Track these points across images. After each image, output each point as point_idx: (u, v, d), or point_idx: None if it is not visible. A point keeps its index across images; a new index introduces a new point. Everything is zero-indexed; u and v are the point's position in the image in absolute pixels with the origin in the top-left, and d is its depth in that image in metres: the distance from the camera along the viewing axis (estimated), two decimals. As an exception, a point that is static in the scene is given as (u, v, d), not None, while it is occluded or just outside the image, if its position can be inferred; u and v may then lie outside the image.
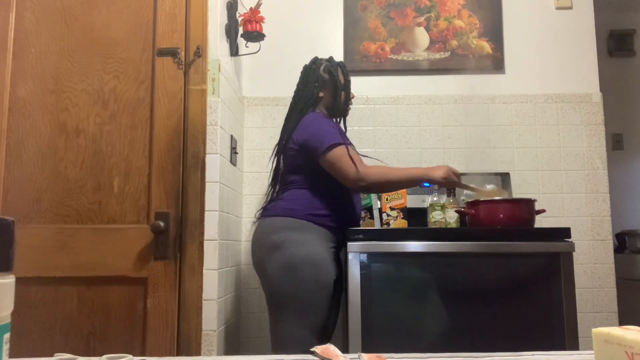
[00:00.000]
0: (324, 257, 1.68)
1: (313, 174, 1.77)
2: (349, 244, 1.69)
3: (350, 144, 1.81)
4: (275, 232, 1.69)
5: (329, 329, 1.77)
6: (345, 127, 1.99)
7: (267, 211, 1.80)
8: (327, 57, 1.98)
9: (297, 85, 1.94)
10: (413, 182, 1.73)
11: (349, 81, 1.93)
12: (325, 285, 1.66)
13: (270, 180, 1.98)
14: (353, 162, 1.68)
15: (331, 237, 1.76)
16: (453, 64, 2.43)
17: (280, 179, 1.89)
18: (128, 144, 1.83)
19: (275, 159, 1.94)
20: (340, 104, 1.91)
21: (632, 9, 3.40)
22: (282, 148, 1.86)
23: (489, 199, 1.83)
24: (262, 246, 1.72)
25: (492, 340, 1.64)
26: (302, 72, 1.95)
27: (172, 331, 1.74)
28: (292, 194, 1.78)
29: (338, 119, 1.97)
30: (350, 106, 1.97)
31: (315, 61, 1.93)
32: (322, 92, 1.89)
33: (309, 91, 1.88)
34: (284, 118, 2.40)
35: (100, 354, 0.62)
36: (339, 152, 1.69)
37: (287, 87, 2.43)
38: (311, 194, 1.76)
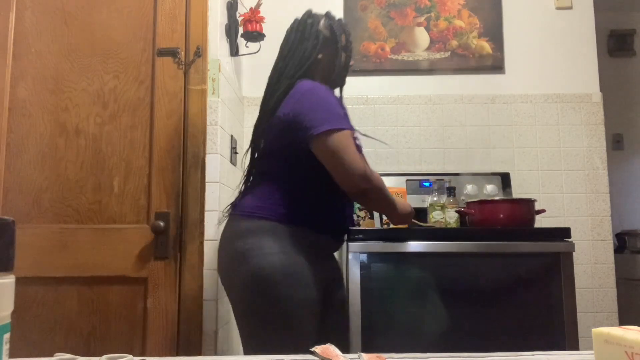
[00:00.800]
0: (302, 268, 1.34)
1: (298, 161, 1.38)
2: (349, 244, 1.69)
3: (354, 128, 1.40)
4: (241, 237, 1.35)
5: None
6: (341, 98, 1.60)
7: (234, 208, 1.45)
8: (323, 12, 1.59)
9: (286, 43, 1.53)
10: (391, 209, 1.47)
11: (351, 42, 1.57)
12: (304, 303, 1.32)
13: (245, 167, 1.56)
14: (361, 155, 1.33)
15: (316, 242, 1.41)
16: (453, 64, 2.43)
17: (255, 166, 1.50)
18: (128, 144, 1.83)
19: (253, 139, 1.54)
20: (341, 70, 1.54)
21: (632, 9, 3.40)
22: (264, 124, 1.46)
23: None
24: (226, 254, 1.39)
25: (492, 340, 1.64)
26: (293, 28, 1.54)
27: (172, 331, 1.73)
28: (265, 187, 1.40)
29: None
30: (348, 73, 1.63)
31: (311, 14, 1.54)
32: (320, 54, 1.49)
33: (304, 51, 1.47)
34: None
35: (100, 354, 0.62)
36: (344, 139, 1.29)
37: (287, 87, 2.43)
38: (290, 188, 1.39)
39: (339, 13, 2.48)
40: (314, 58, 1.47)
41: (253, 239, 1.33)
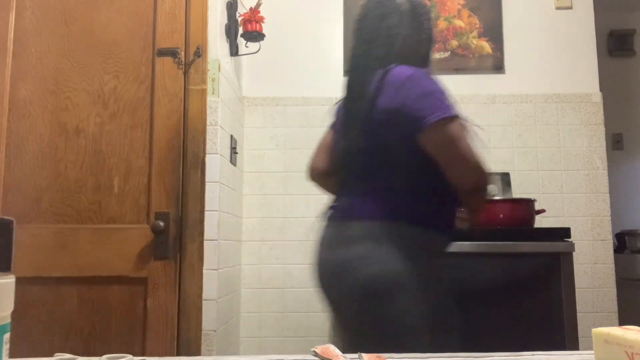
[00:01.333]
0: (426, 274, 1.18)
1: (406, 156, 1.19)
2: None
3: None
4: (355, 242, 1.17)
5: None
6: None
7: (340, 211, 1.26)
8: None
9: (364, 24, 1.32)
10: (483, 209, 1.30)
11: (431, 15, 1.38)
12: (429, 312, 1.16)
13: (334, 164, 1.37)
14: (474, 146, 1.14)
15: (434, 242, 1.24)
16: (453, 64, 2.43)
17: (353, 164, 1.28)
18: (128, 144, 1.83)
19: (341, 133, 1.33)
20: (428, 46, 1.36)
21: (632, 9, 3.40)
22: (358, 116, 1.25)
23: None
24: (338, 261, 1.19)
25: (492, 340, 1.64)
26: (368, 6, 1.34)
27: (172, 331, 1.73)
28: (371, 187, 1.22)
29: None
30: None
31: None
32: (405, 31, 1.29)
33: (388, 29, 1.27)
34: (283, 118, 2.42)
35: (100, 354, 0.62)
36: (459, 127, 1.14)
37: (287, 87, 2.44)
38: (397, 186, 1.21)
39: (338, 13, 2.48)
40: (401, 37, 1.27)
41: (370, 244, 1.16)
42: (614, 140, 3.35)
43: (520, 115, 2.39)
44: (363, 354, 0.62)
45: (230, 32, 2.11)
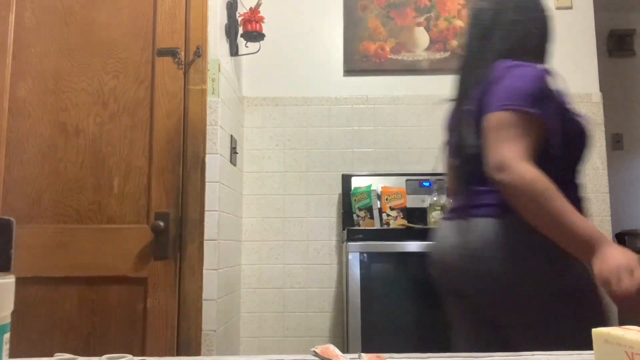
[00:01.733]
0: (552, 271, 1.11)
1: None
2: (349, 244, 1.69)
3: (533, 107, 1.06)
4: (477, 240, 1.12)
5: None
6: None
7: (459, 210, 1.21)
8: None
9: (478, 18, 1.27)
10: (569, 235, 1.00)
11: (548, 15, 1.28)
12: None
13: (447, 162, 1.34)
14: (517, 141, 1.02)
15: None
16: (453, 64, 2.43)
17: (465, 162, 1.23)
18: (128, 143, 1.83)
19: (455, 127, 1.28)
20: (543, 46, 1.29)
21: (632, 9, 3.40)
22: (466, 113, 1.20)
23: None
24: (462, 260, 1.14)
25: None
26: (484, 2, 1.28)
27: (172, 331, 1.73)
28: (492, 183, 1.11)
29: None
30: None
31: None
32: (524, 26, 1.24)
33: (504, 25, 1.23)
34: (284, 118, 2.42)
35: (100, 354, 0.62)
36: (502, 118, 1.04)
37: (287, 87, 2.44)
38: None
39: (339, 13, 2.48)
40: (516, 32, 1.23)
41: (491, 241, 1.09)
42: (614, 140, 3.35)
43: (520, 115, 2.39)
44: (363, 354, 0.62)
45: (230, 32, 2.11)
